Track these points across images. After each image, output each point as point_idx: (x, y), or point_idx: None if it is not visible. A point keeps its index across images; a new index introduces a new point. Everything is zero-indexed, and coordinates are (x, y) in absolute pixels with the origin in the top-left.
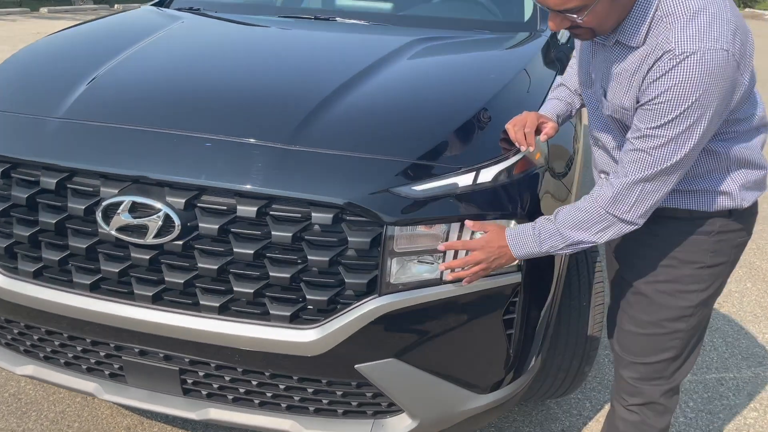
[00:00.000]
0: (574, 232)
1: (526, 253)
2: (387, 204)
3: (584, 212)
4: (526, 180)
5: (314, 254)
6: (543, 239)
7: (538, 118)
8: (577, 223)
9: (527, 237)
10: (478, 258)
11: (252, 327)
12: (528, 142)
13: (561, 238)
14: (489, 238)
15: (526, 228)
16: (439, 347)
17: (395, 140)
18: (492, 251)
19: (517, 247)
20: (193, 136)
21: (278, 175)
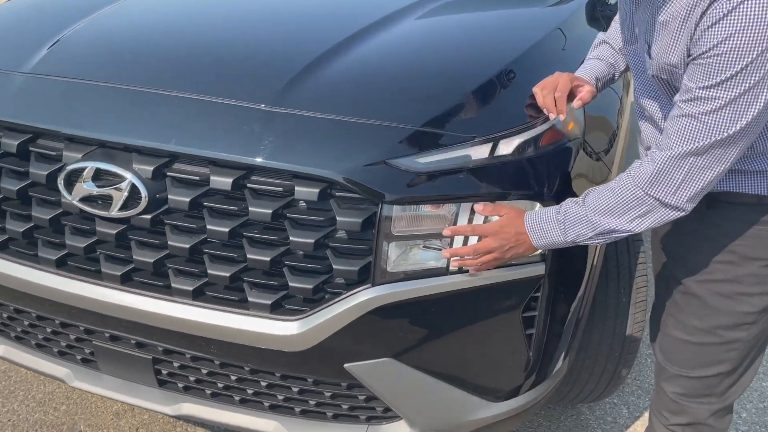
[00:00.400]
0: (606, 218)
1: (548, 243)
2: (383, 178)
3: (619, 194)
4: (554, 154)
5: (297, 235)
6: (568, 226)
7: (572, 81)
8: (610, 208)
9: (550, 223)
10: (490, 246)
11: (228, 315)
12: (558, 109)
13: (590, 225)
14: (504, 223)
15: (548, 212)
16: (445, 347)
17: (396, 103)
18: (507, 238)
19: (538, 235)
20: (163, 94)
21: (258, 142)
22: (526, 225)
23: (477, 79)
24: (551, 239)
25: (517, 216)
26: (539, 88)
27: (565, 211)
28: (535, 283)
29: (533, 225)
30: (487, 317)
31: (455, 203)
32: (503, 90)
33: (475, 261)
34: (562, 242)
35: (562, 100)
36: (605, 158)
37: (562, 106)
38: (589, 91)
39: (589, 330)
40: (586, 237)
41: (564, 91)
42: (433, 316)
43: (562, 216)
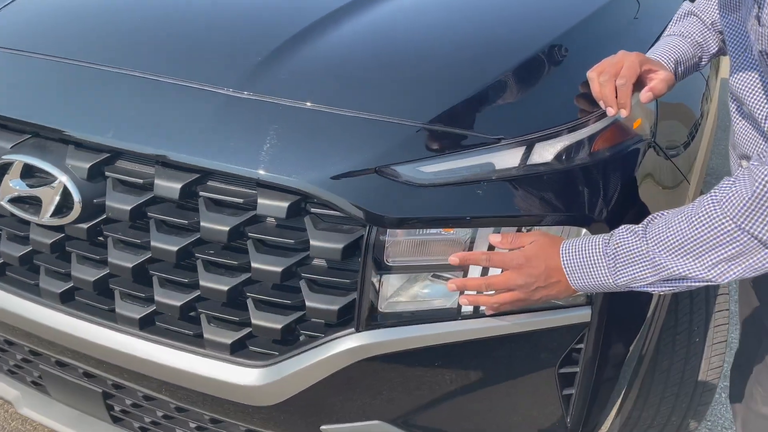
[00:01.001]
0: (676, 259)
1: (591, 285)
2: (373, 191)
3: (698, 225)
4: (612, 162)
5: (261, 261)
6: (621, 265)
7: (641, 64)
8: (683, 244)
9: (595, 258)
10: (512, 281)
11: (180, 354)
12: (619, 102)
13: (652, 265)
14: (532, 254)
15: (594, 243)
16: (455, 411)
17: (396, 92)
18: (535, 275)
19: (579, 273)
20: (107, 71)
21: (215, 137)
22: (561, 258)
23: (506, 61)
24: (596, 281)
25: (550, 245)
26: (596, 72)
27: (617, 242)
28: (577, 333)
29: (572, 259)
30: (511, 374)
31: (470, 227)
32: (544, 75)
33: (490, 300)
34: (612, 286)
35: (626, 90)
36: (680, 163)
37: (624, 99)
38: (663, 78)
39: (651, 374)
40: (644, 282)
41: (629, 77)
42: (439, 370)
43: (612, 249)
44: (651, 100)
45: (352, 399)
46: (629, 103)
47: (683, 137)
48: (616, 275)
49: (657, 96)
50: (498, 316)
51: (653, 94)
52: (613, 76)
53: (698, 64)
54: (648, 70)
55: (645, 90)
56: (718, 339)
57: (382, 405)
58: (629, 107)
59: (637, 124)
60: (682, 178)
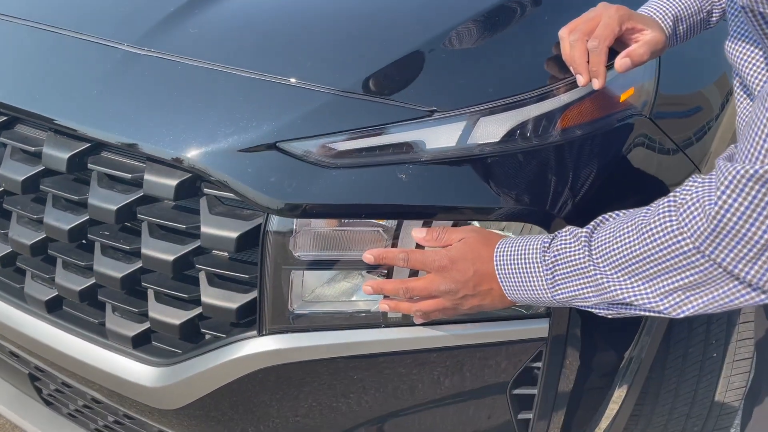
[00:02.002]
0: (621, 280)
1: (528, 298)
2: (272, 172)
3: (648, 238)
4: (588, 143)
5: (152, 246)
6: (559, 278)
7: (621, 22)
8: (629, 260)
9: (531, 266)
10: (434, 287)
11: (79, 343)
12: (592, 69)
13: (593, 283)
14: (459, 254)
15: (531, 246)
16: (384, 429)
17: (308, 53)
18: (461, 280)
19: (512, 281)
20: (2, 20)
21: (105, 102)
22: (495, 262)
23: (451, 16)
24: (533, 293)
25: (482, 244)
26: (567, 30)
27: (558, 248)
28: (532, 349)
29: (506, 264)
30: (451, 394)
31: (394, 218)
32: (500, 33)
33: (412, 307)
34: (550, 301)
35: (599, 54)
36: (691, 150)
37: (597, 65)
38: (647, 41)
39: (654, 394)
40: (586, 302)
41: (604, 37)
42: (362, 385)
43: (551, 256)
44: (627, 68)
45: (261, 411)
46: (603, 70)
47: (694, 120)
48: (554, 289)
49: (636, 64)
50: (429, 326)
51: (630, 60)
52: (585, 35)
53: (707, 21)
54: (631, 29)
55: (621, 56)
56: (741, 355)
57: (294, 419)
58: (603, 75)
59: (627, 95)
60: (685, 160)
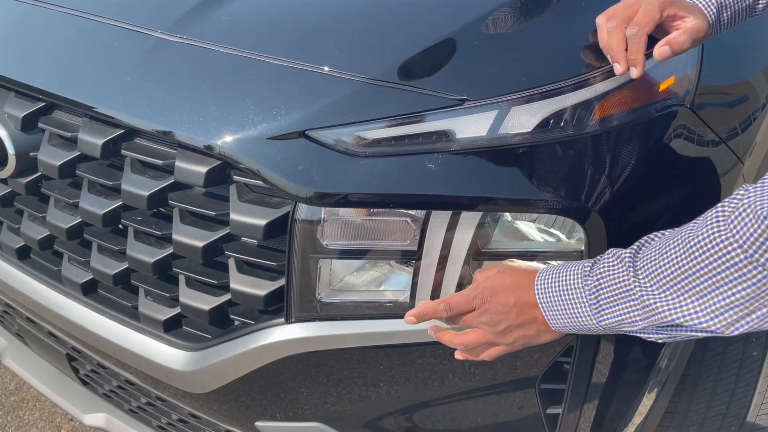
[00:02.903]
0: (669, 300)
1: (573, 327)
2: (299, 160)
3: (696, 251)
4: (625, 134)
5: (183, 233)
6: (604, 303)
7: (662, 9)
8: (677, 278)
9: (574, 292)
10: (476, 319)
11: (113, 325)
12: (630, 57)
13: (640, 306)
14: (498, 284)
15: (572, 273)
16: (413, 424)
17: (340, 41)
18: (502, 311)
19: (555, 310)
20: (39, 8)
21: (138, 89)
22: (536, 291)
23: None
24: (578, 321)
25: (520, 273)
26: (605, 17)
27: (600, 272)
28: (562, 343)
29: (548, 293)
30: (478, 386)
31: (422, 208)
32: (535, 21)
33: (451, 338)
34: (597, 329)
35: (638, 42)
36: (734, 142)
37: (636, 53)
38: (689, 29)
39: (690, 395)
40: (634, 327)
41: (644, 24)
42: (390, 375)
43: (594, 281)
44: (667, 57)
45: (289, 397)
46: (641, 58)
47: (739, 112)
48: (600, 316)
49: (676, 52)
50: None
51: (671, 49)
52: (624, 22)
53: (752, 8)
54: (672, 15)
55: (660, 44)
56: None
57: (323, 406)
58: (642, 64)
59: (667, 85)
60: (729, 154)
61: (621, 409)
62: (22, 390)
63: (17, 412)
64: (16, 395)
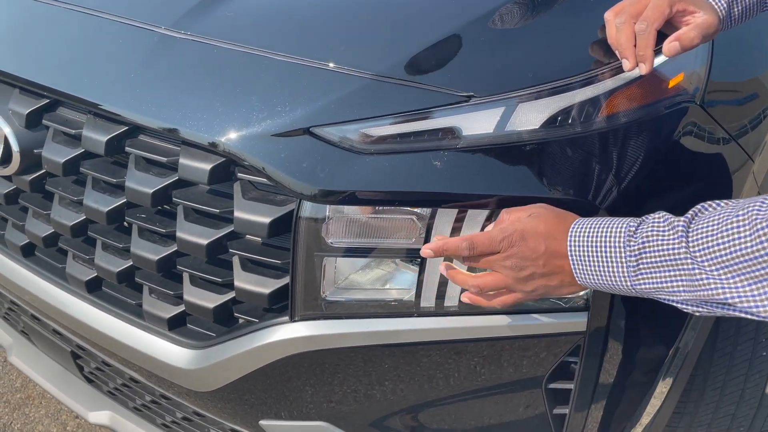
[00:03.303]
0: (724, 278)
1: (601, 284)
2: (303, 157)
3: (762, 233)
4: (633, 131)
5: (187, 230)
6: (645, 267)
7: (672, 4)
8: (736, 258)
9: (613, 250)
10: (500, 261)
11: (117, 323)
12: (639, 53)
13: (689, 278)
14: (530, 228)
15: (614, 230)
16: (418, 423)
17: (344, 37)
18: (531, 256)
19: (586, 265)
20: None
21: (142, 86)
22: (569, 242)
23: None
24: (609, 280)
25: (555, 220)
26: (613, 12)
27: (647, 236)
28: (569, 343)
29: (582, 245)
30: (484, 385)
31: (423, 206)
32: (542, 16)
33: (466, 278)
34: (627, 290)
35: (647, 38)
36: (745, 139)
37: (645, 48)
38: (699, 24)
39: (698, 395)
40: (675, 296)
41: (653, 20)
42: (395, 374)
43: (639, 243)
44: (676, 53)
45: (294, 395)
46: (650, 54)
47: (748, 109)
48: (637, 279)
49: (686, 48)
50: (461, 316)
51: (680, 45)
52: (633, 17)
53: (764, 2)
54: (682, 11)
55: (669, 39)
56: None
57: (328, 405)
58: (650, 60)
59: (676, 81)
60: (738, 151)
61: (629, 410)
62: (28, 387)
63: (23, 410)
64: (22, 392)
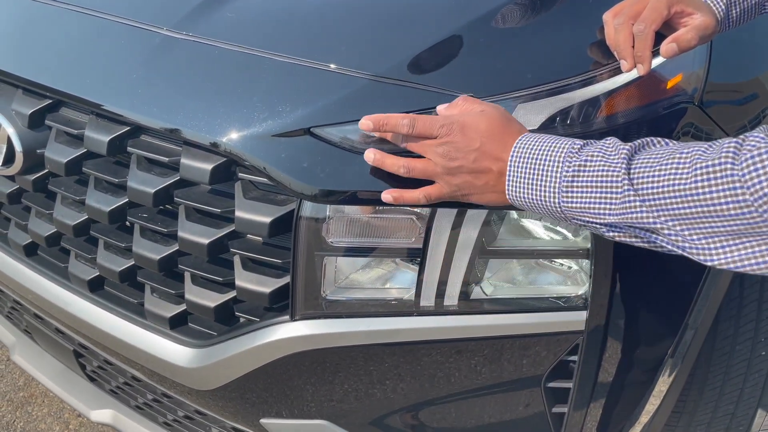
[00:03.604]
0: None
1: (529, 199)
2: (303, 157)
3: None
4: (632, 131)
5: (189, 230)
6: (578, 185)
7: (670, 5)
8: (672, 192)
9: (550, 163)
10: (432, 146)
11: (119, 322)
12: (637, 54)
13: (621, 200)
14: (472, 122)
15: (558, 145)
16: (418, 421)
17: (345, 38)
18: (463, 148)
19: (520, 175)
20: (47, 5)
21: (144, 86)
22: (513, 150)
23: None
24: (538, 193)
25: (501, 123)
26: (612, 14)
27: (590, 154)
28: (568, 342)
29: (524, 155)
30: (484, 384)
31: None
32: (541, 17)
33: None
34: (553, 209)
35: (645, 39)
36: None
37: (643, 49)
38: (697, 26)
39: (697, 395)
40: (599, 219)
41: (651, 21)
42: (395, 373)
43: (578, 161)
44: (674, 54)
45: (295, 394)
46: (648, 55)
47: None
48: (567, 196)
49: (683, 50)
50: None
51: (677, 46)
52: (631, 18)
53: (762, 5)
54: (680, 12)
55: (667, 41)
56: None
57: (328, 404)
58: (648, 61)
59: (675, 82)
60: None
61: (628, 409)
62: (31, 386)
63: (26, 408)
64: (25, 391)
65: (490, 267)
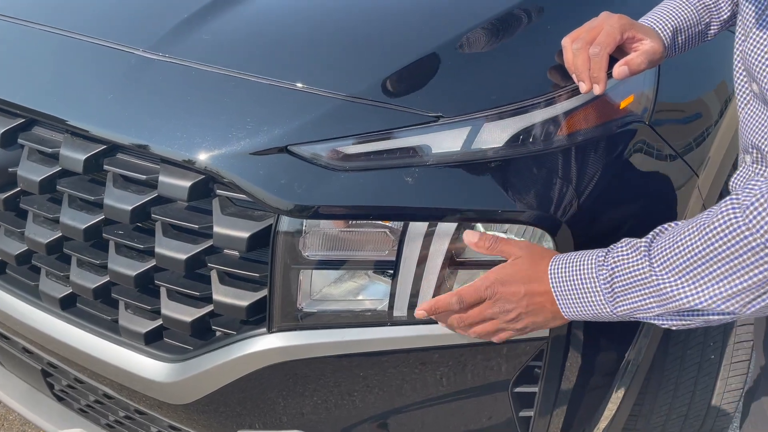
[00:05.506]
0: (684, 286)
1: (587, 315)
2: (281, 174)
3: (712, 237)
4: (589, 149)
5: (166, 246)
6: (619, 291)
7: (623, 31)
8: (692, 264)
9: (588, 281)
10: (488, 311)
11: (92, 339)
12: (593, 75)
13: (656, 294)
14: (508, 275)
15: (587, 261)
16: (389, 426)
17: (318, 60)
18: (513, 300)
19: (569, 299)
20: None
21: (121, 105)
22: (550, 279)
23: (457, 25)
24: (592, 309)
25: (531, 264)
26: (570, 39)
27: (615, 261)
28: (533, 349)
29: (562, 281)
30: (454, 390)
31: (395, 220)
32: (505, 42)
33: (464, 330)
34: (611, 316)
35: (600, 61)
36: (690, 156)
37: (598, 71)
38: (646, 50)
39: (652, 398)
40: (650, 313)
41: (605, 45)
42: (368, 382)
43: (609, 270)
44: (625, 76)
45: (269, 405)
46: (603, 76)
47: (693, 128)
48: (614, 303)
49: (634, 72)
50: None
51: (628, 68)
52: (588, 43)
53: (705, 33)
54: (631, 38)
55: (619, 63)
56: (739, 357)
57: (303, 415)
58: (604, 81)
59: (627, 102)
60: (685, 168)
61: (588, 413)
62: None
63: None
64: None
65: (459, 278)
